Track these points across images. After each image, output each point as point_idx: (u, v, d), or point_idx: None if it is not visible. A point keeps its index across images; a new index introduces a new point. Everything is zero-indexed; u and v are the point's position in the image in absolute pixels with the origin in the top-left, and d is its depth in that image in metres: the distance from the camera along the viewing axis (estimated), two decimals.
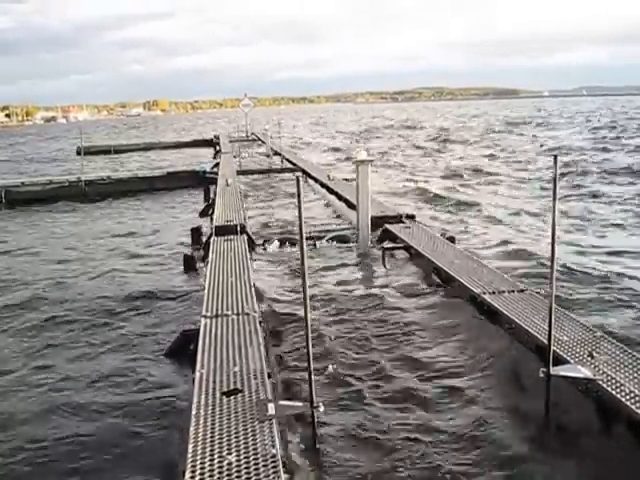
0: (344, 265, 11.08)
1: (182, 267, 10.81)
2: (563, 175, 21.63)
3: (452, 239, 11.15)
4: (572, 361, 5.44)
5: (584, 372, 5.20)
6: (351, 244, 11.97)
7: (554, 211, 5.03)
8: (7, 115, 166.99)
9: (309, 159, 28.58)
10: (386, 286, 9.73)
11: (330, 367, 6.69)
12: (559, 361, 5.39)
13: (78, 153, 26.71)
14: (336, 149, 39.36)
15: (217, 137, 47.45)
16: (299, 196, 4.36)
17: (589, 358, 5.47)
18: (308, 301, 4.32)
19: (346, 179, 18.41)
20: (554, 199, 5.01)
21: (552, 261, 5.13)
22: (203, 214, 16.94)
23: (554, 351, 5.31)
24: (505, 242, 12.43)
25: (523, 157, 30.53)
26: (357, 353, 7.18)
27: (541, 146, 36.11)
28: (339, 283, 9.97)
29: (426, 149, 37.63)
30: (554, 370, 5.18)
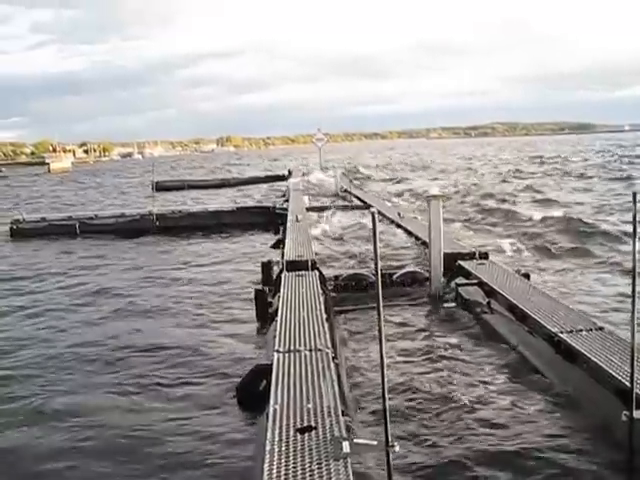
0: (414, 299, 11.16)
1: (253, 301, 10.91)
2: None
3: (527, 276, 10.87)
4: None
5: None
6: (423, 281, 11.80)
7: (634, 251, 4.90)
8: (85, 151, 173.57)
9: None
10: (457, 321, 9.87)
11: None
12: None
13: (152, 188, 27.78)
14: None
15: (290, 172, 48.20)
16: (375, 233, 4.26)
17: None
18: (383, 337, 4.28)
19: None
20: (634, 237, 4.87)
21: (633, 300, 4.97)
22: (273, 249, 17.15)
23: (637, 394, 5.12)
24: None
25: None
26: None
27: None
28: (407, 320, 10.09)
29: None
30: (637, 414, 4.98)
